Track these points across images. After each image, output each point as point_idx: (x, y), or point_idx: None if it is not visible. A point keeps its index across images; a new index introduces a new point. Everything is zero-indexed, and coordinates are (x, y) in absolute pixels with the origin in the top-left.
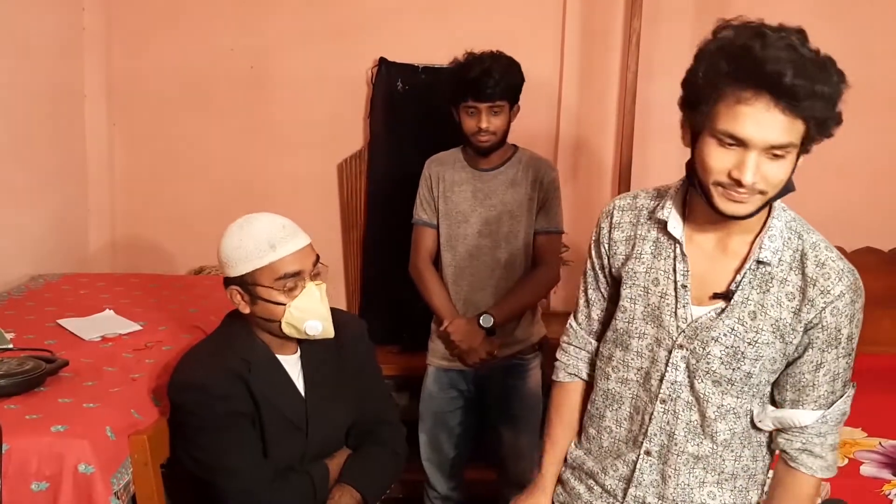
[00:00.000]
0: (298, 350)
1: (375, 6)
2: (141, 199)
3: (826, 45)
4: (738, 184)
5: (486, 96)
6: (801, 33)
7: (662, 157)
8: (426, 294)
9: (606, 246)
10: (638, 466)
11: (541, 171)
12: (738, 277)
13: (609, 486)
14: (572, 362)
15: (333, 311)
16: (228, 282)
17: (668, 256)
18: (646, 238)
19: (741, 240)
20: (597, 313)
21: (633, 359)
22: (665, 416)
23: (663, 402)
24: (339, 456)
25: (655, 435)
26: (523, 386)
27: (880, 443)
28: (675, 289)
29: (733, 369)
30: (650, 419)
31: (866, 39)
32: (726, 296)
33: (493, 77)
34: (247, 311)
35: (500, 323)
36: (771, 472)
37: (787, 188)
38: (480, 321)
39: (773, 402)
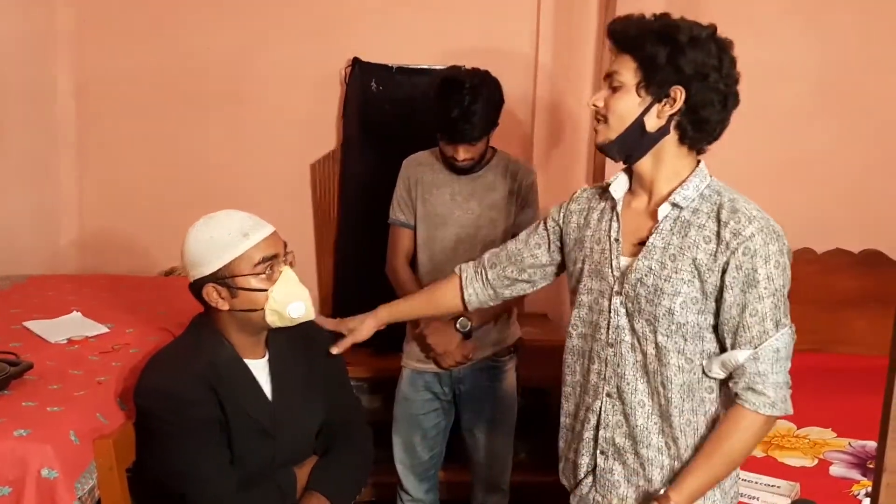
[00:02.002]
0: (266, 354)
1: (350, 6)
2: (112, 199)
3: (797, 48)
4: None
5: (464, 140)
6: None
7: None
8: (402, 295)
9: (563, 213)
10: (603, 409)
11: (519, 174)
12: (658, 224)
13: (586, 438)
14: (472, 269)
15: None
16: (202, 281)
17: (608, 219)
18: (595, 208)
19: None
20: (513, 246)
21: (585, 314)
22: (615, 358)
23: (612, 346)
24: (308, 463)
25: (612, 377)
26: (499, 388)
27: (850, 443)
28: (610, 243)
29: (655, 305)
30: (605, 364)
31: (836, 42)
32: (643, 243)
33: (472, 122)
34: (226, 307)
35: (478, 326)
36: None
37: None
38: (458, 325)
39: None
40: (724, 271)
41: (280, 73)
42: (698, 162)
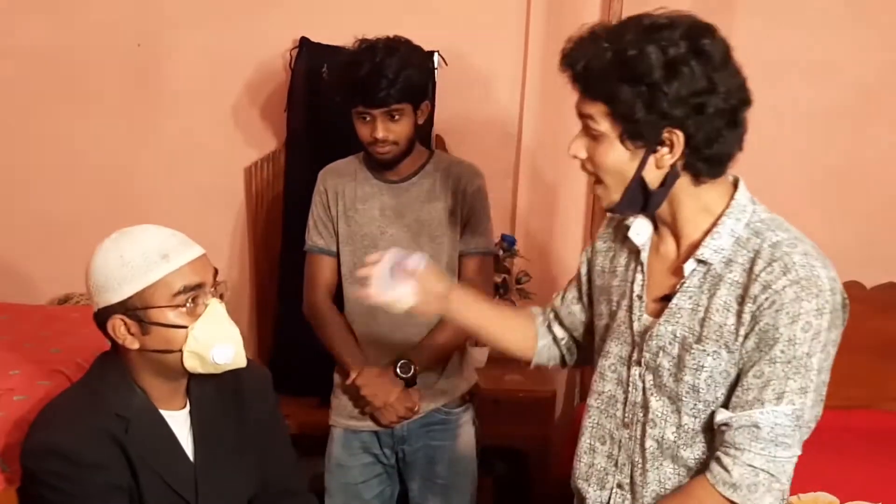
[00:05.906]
0: (188, 404)
1: None
2: None
3: (848, 42)
4: None
5: (378, 101)
6: None
7: None
8: (325, 339)
9: (589, 254)
10: (612, 501)
11: (463, 179)
12: (684, 281)
13: None
14: (542, 317)
15: None
16: (108, 312)
17: (633, 268)
18: (622, 250)
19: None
20: (558, 300)
21: (598, 381)
22: (631, 442)
23: (627, 426)
24: None
25: (625, 465)
26: (452, 447)
27: None
28: (632, 300)
29: (677, 381)
30: (619, 448)
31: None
32: (668, 298)
33: (386, 76)
34: (135, 346)
35: (422, 370)
36: None
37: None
38: (398, 369)
39: None
40: (748, 333)
41: (209, 54)
42: (735, 185)
